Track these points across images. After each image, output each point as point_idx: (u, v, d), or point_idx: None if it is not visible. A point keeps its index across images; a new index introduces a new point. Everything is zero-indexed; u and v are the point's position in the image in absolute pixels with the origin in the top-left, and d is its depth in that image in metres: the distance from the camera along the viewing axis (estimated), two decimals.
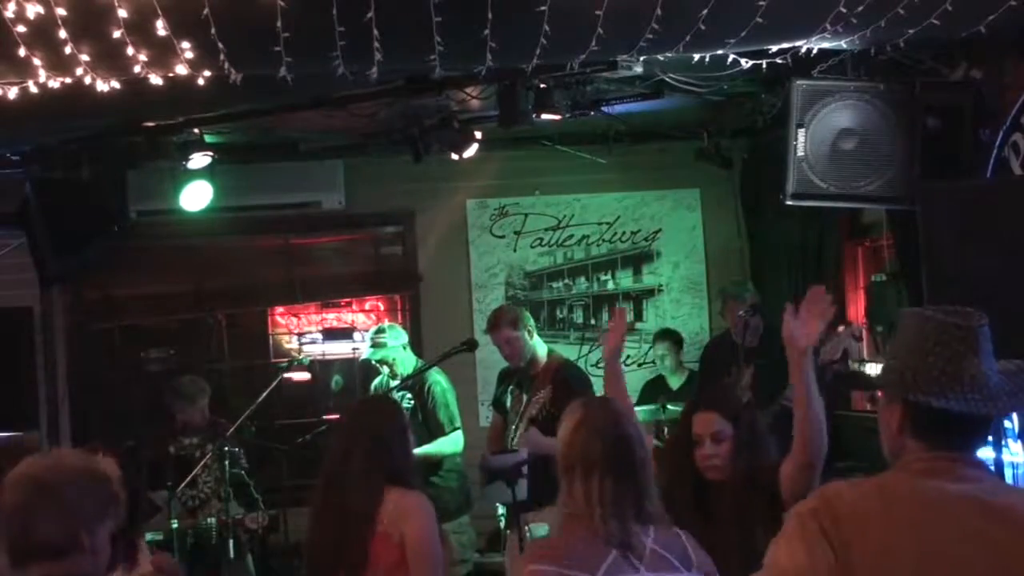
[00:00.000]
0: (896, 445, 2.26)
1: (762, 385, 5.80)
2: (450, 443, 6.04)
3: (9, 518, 2.29)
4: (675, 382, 7.14)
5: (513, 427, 5.53)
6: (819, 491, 2.26)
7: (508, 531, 5.42)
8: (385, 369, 6.30)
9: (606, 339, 4.17)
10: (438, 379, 6.10)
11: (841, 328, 5.49)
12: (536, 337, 5.59)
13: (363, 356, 6.52)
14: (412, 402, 6.04)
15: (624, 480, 2.72)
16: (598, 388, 5.74)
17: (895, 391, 2.25)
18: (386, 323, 6.79)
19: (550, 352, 5.67)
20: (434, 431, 6.01)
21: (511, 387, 5.69)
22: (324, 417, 6.77)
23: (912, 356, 2.23)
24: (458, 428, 6.07)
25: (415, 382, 6.08)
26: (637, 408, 5.55)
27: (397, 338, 6.29)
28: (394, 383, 6.20)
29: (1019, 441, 4.63)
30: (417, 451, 5.09)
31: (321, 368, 7.50)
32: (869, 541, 2.16)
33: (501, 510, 5.59)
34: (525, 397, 5.54)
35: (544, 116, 5.59)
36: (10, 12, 3.64)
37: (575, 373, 5.68)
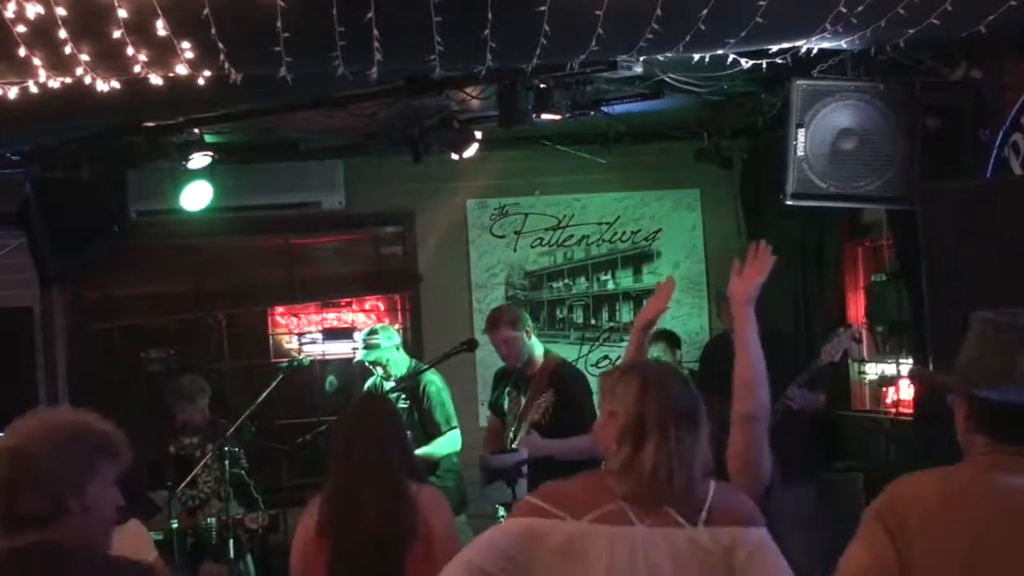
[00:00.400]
0: (967, 440, 2.43)
1: None
2: (448, 443, 6.04)
3: None
4: None
5: (512, 429, 5.52)
6: (889, 488, 2.39)
7: None
8: (379, 370, 6.31)
9: (645, 307, 3.87)
10: (433, 379, 6.10)
11: (841, 329, 5.49)
12: (534, 338, 5.59)
13: (356, 358, 6.52)
14: (406, 403, 6.04)
15: (695, 436, 2.67)
16: (595, 391, 5.71)
17: (959, 388, 2.43)
18: (378, 324, 6.80)
19: (547, 352, 5.67)
20: (431, 431, 6.01)
21: (508, 388, 5.68)
22: (323, 417, 6.77)
23: (973, 355, 2.42)
24: (455, 427, 6.07)
25: (409, 383, 6.09)
26: None
27: (390, 339, 6.29)
28: (388, 384, 6.21)
29: None
30: (417, 452, 5.10)
31: (321, 368, 7.50)
32: (931, 536, 2.28)
33: (501, 512, 5.58)
34: (523, 399, 5.53)
35: (544, 116, 5.59)
36: (10, 12, 3.64)
37: (573, 373, 5.68)
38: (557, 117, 5.72)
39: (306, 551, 3.59)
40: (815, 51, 4.68)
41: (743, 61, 4.56)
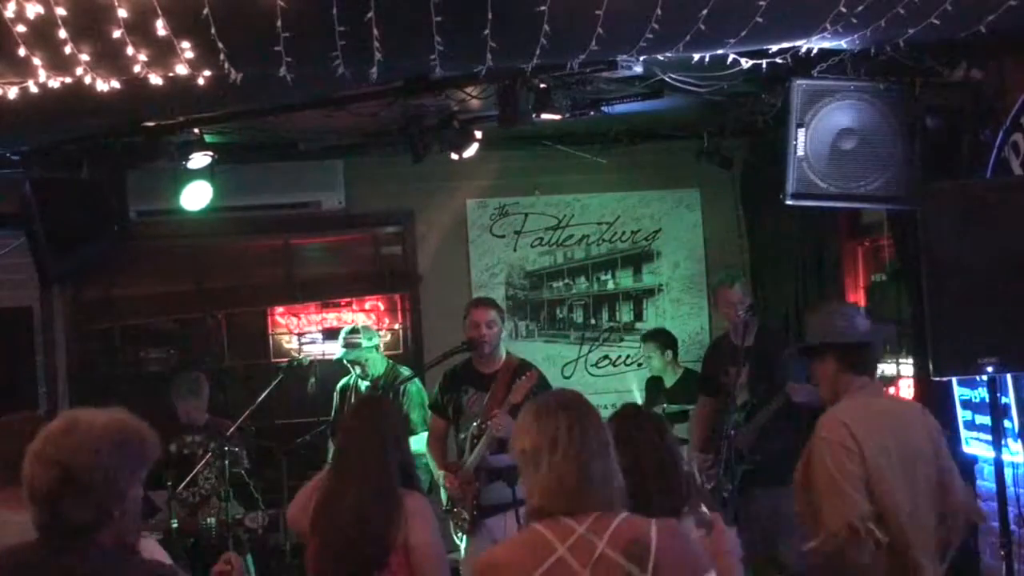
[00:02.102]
0: (840, 382, 3.82)
1: (758, 382, 5.81)
2: (423, 443, 6.05)
3: (37, 500, 2.34)
4: (667, 381, 7.15)
5: (475, 424, 5.47)
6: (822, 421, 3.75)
7: (467, 537, 5.43)
8: (356, 369, 6.37)
9: None
10: (414, 379, 6.18)
11: None
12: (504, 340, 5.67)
13: (336, 356, 6.58)
14: None
15: (588, 451, 2.62)
16: (595, 391, 5.68)
17: (830, 339, 3.87)
18: (359, 324, 6.86)
19: (508, 353, 5.70)
20: (410, 430, 6.03)
21: (464, 387, 5.65)
22: (323, 417, 6.77)
23: (827, 325, 3.93)
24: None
25: (388, 383, 6.14)
26: None
27: (370, 340, 6.45)
28: (364, 384, 6.26)
29: (1019, 441, 4.63)
30: None
31: (320, 368, 7.50)
32: (868, 445, 3.62)
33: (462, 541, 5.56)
34: (485, 396, 5.49)
35: (544, 116, 5.59)
36: (10, 12, 3.64)
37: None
38: (557, 117, 5.72)
39: (300, 518, 3.69)
40: (815, 51, 4.67)
41: (743, 61, 4.55)
